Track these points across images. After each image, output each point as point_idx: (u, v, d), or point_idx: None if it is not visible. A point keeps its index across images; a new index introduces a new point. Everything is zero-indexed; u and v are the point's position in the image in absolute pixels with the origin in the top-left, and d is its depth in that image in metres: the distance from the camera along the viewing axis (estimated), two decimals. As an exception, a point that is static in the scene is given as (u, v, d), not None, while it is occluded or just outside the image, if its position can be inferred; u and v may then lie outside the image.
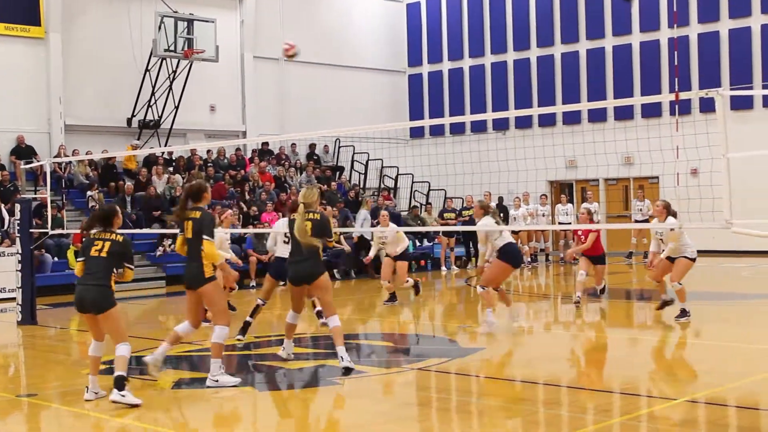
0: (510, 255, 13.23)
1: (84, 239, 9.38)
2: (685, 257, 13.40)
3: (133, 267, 9.31)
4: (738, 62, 27.68)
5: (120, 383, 8.83)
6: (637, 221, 25.61)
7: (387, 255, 17.05)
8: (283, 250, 12.66)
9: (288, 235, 14.07)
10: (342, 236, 24.22)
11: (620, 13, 30.08)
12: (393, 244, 16.90)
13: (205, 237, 9.36)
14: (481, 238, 13.66)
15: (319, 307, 13.27)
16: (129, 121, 27.30)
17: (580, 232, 16.49)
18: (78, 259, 9.19)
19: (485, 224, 13.28)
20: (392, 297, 17.07)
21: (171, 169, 26.71)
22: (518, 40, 32.37)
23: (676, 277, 13.36)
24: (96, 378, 9.21)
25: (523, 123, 31.43)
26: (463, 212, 26.33)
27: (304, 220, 10.09)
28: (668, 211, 13.37)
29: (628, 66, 29.81)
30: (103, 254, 9.01)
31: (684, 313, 13.45)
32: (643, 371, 10.28)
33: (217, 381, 9.51)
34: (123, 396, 8.79)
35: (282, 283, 13.53)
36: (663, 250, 13.71)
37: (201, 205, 9.61)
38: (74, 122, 26.44)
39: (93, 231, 9.24)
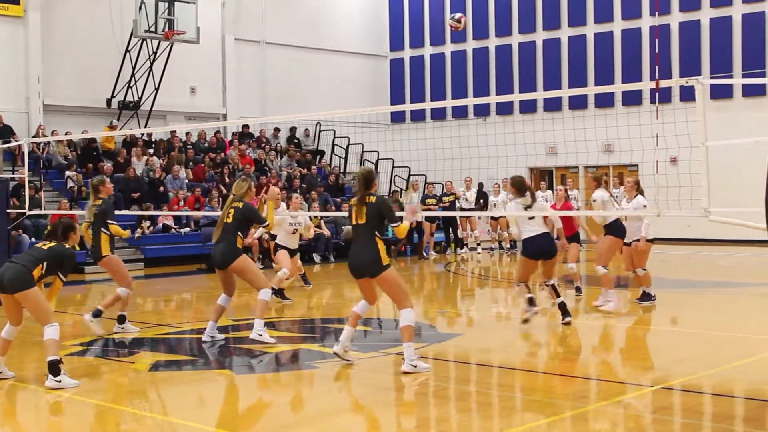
0: (620, 230, 13.38)
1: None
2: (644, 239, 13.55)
3: (64, 279, 9.31)
4: (718, 51, 27.76)
5: (54, 368, 8.73)
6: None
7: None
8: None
9: (291, 223, 15.37)
10: (322, 220, 24.20)
11: (602, 1, 30.10)
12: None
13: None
14: (598, 210, 13.49)
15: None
16: (108, 102, 27.13)
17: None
18: None
19: (600, 196, 13.36)
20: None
21: (150, 150, 26.58)
22: (500, 26, 32.35)
23: (642, 262, 13.60)
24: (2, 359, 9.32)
25: (504, 109, 31.44)
26: (444, 198, 26.34)
27: (228, 208, 11.17)
28: (638, 188, 13.48)
29: (610, 53, 29.86)
30: (44, 249, 9.24)
31: (647, 296, 13.71)
32: (619, 358, 10.33)
33: (415, 366, 9.23)
34: (59, 382, 8.70)
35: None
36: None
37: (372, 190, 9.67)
38: (53, 102, 26.25)
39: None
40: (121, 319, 12.24)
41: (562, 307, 12.05)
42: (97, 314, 11.92)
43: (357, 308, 9.75)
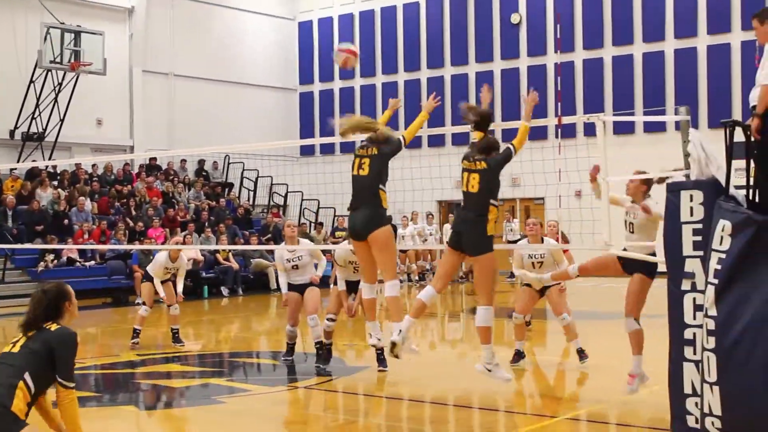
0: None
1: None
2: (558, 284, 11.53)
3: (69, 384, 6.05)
4: (621, 88, 28.50)
5: None
6: (509, 241, 26.16)
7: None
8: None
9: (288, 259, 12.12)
10: (230, 253, 24.06)
11: (508, 37, 30.69)
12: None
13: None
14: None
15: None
16: (12, 133, 26.59)
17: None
18: None
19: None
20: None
21: (55, 182, 26.11)
22: (409, 61, 32.69)
23: (563, 307, 11.69)
24: None
25: (414, 144, 31.57)
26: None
27: (362, 159, 9.09)
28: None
29: (516, 89, 30.38)
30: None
31: (583, 354, 11.70)
32: (525, 390, 10.47)
33: (490, 371, 8.63)
34: None
35: None
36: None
37: None
38: (-46, 133, 25.68)
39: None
40: None
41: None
42: None
43: (423, 296, 8.64)
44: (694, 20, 27.65)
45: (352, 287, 11.79)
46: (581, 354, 11.45)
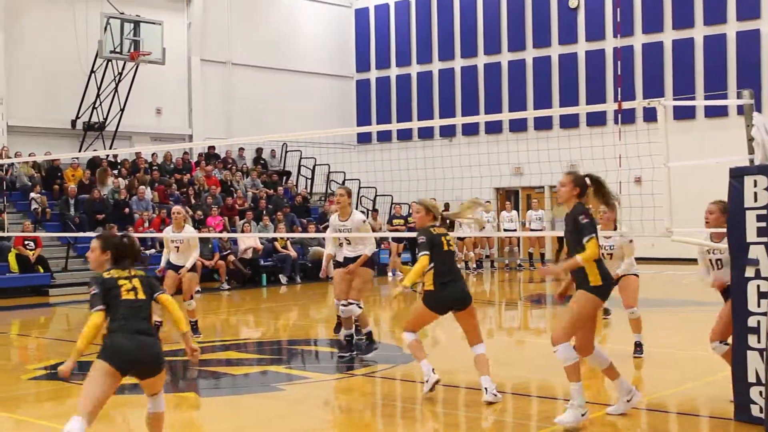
0: None
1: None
2: (634, 274, 11.36)
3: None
4: (681, 72, 28.10)
5: None
6: (533, 230, 26.00)
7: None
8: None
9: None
10: (288, 241, 24.16)
11: (566, 22, 30.40)
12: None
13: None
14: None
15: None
16: (73, 123, 26.99)
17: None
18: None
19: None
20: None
21: (116, 172, 26.44)
22: (466, 47, 32.55)
23: (633, 300, 11.21)
24: None
25: (470, 130, 31.59)
26: (409, 219, 26.37)
27: (443, 236, 9.40)
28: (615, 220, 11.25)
29: (574, 74, 30.11)
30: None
31: (640, 348, 11.34)
32: (584, 378, 10.38)
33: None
34: None
35: None
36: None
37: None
38: (17, 123, 26.07)
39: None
40: None
41: None
42: None
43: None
44: (756, 1, 27.14)
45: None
46: (639, 347, 11.21)
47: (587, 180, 7.74)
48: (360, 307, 11.57)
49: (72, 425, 5.93)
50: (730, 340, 7.85)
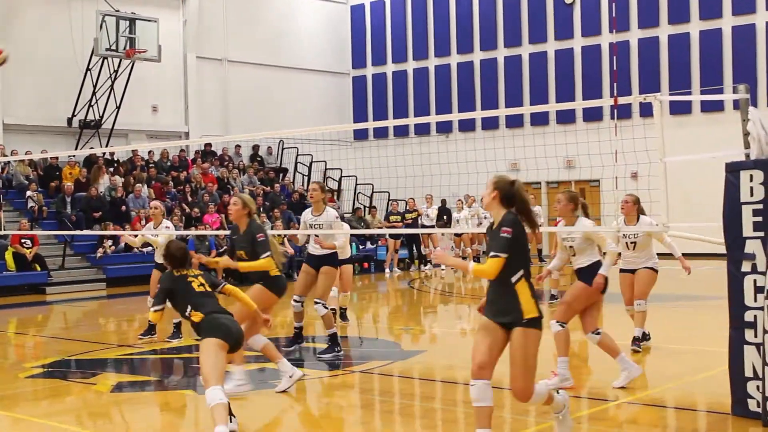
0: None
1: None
2: (650, 268, 11.20)
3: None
4: (677, 67, 28.12)
5: None
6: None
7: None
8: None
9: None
10: (285, 238, 24.14)
11: (562, 18, 30.40)
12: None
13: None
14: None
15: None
16: (69, 121, 26.97)
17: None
18: None
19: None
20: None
21: (112, 169, 26.42)
22: (462, 43, 32.56)
23: (643, 293, 11.11)
24: None
25: (467, 126, 31.60)
26: (406, 215, 26.41)
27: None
28: (639, 207, 10.92)
29: (570, 70, 30.13)
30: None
31: (645, 336, 11.50)
32: (581, 373, 10.39)
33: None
34: None
35: None
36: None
37: None
38: (13, 121, 26.06)
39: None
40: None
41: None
42: None
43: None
44: (752, -4, 27.18)
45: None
46: (637, 341, 11.22)
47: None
48: (325, 308, 11.45)
49: (214, 392, 7.04)
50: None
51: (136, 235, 13.94)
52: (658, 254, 11.35)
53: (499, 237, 6.45)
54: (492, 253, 6.48)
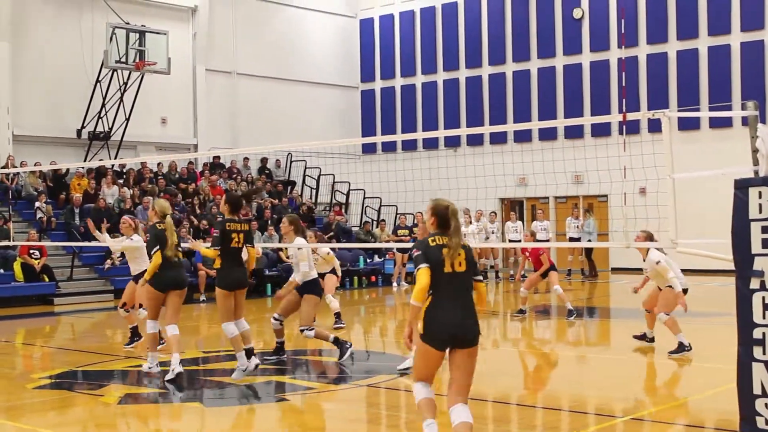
0: None
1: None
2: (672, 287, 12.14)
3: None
4: (685, 83, 28.10)
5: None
6: (572, 239, 26.08)
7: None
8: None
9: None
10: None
11: (571, 33, 30.42)
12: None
13: None
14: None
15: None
16: (79, 133, 27.04)
17: (528, 252, 16.97)
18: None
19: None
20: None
21: (121, 181, 26.48)
22: (470, 57, 32.59)
23: (663, 307, 12.27)
24: None
25: (475, 140, 31.61)
26: (414, 229, 26.40)
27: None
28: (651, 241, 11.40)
29: (578, 85, 30.14)
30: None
31: (682, 347, 12.18)
32: (590, 389, 10.37)
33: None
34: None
35: None
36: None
37: None
38: (23, 132, 26.13)
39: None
40: None
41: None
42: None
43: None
44: (760, 12, 27.17)
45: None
46: (639, 338, 12.67)
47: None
48: (311, 329, 11.92)
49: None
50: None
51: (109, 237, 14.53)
52: (683, 270, 12.19)
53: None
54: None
